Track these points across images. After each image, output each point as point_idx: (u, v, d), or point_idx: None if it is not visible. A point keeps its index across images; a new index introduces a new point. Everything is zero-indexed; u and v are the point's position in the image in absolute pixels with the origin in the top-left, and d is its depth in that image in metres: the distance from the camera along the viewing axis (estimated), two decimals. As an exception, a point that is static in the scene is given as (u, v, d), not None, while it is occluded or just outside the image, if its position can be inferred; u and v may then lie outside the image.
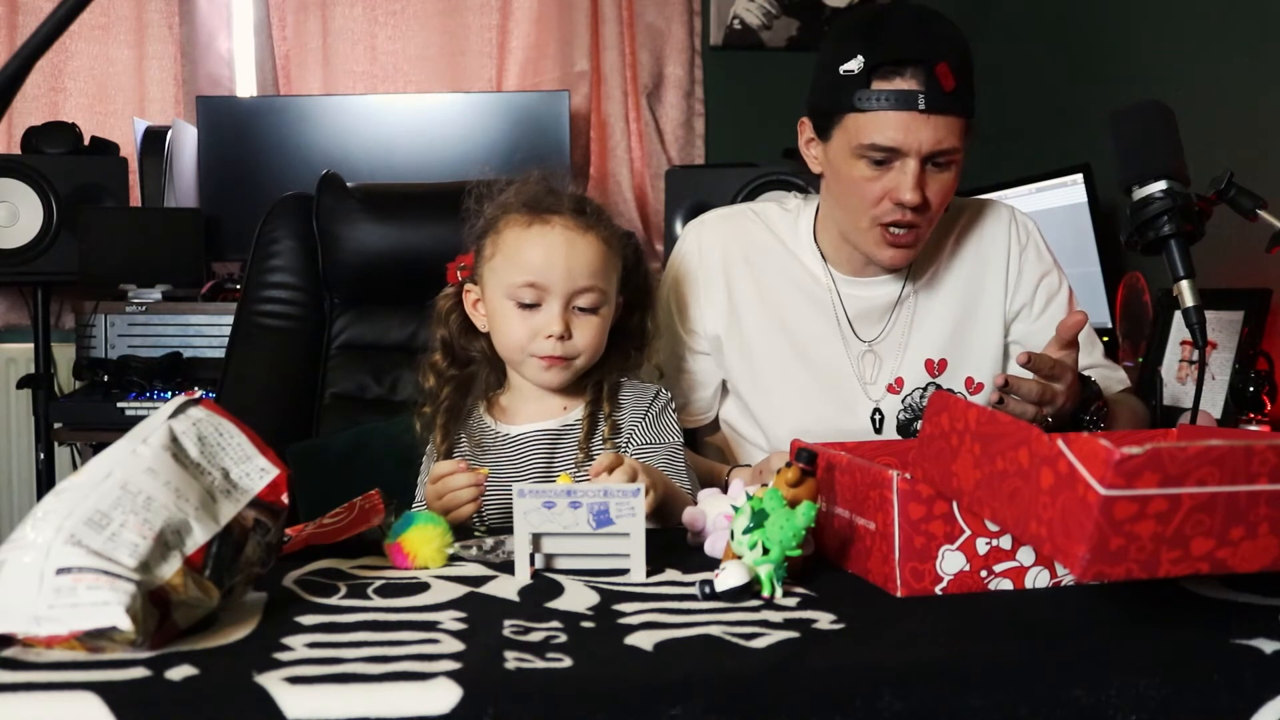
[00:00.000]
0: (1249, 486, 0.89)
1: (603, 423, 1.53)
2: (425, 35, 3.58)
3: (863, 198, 1.62)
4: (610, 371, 1.57)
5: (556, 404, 1.55)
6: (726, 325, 1.76)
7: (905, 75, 1.55)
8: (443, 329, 1.60)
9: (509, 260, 1.50)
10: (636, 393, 1.57)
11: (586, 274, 1.49)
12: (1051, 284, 1.79)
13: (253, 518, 1.01)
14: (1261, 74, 2.33)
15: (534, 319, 1.49)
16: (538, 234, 1.49)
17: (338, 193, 2.07)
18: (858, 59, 1.56)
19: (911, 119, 1.55)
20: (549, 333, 1.48)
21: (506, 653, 0.90)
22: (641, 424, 1.54)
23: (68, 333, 3.24)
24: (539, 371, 1.51)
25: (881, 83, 1.56)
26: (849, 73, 1.57)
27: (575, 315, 1.49)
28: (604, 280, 1.51)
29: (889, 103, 1.55)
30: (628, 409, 1.55)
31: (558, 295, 1.48)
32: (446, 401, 1.57)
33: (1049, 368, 1.50)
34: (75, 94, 3.44)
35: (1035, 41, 3.31)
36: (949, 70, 1.54)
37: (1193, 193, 1.50)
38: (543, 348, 1.49)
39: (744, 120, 3.66)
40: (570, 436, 1.54)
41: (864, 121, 1.57)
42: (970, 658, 0.93)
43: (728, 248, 1.78)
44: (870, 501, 1.11)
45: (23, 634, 0.88)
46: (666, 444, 1.55)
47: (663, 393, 1.58)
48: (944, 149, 1.57)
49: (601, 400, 1.54)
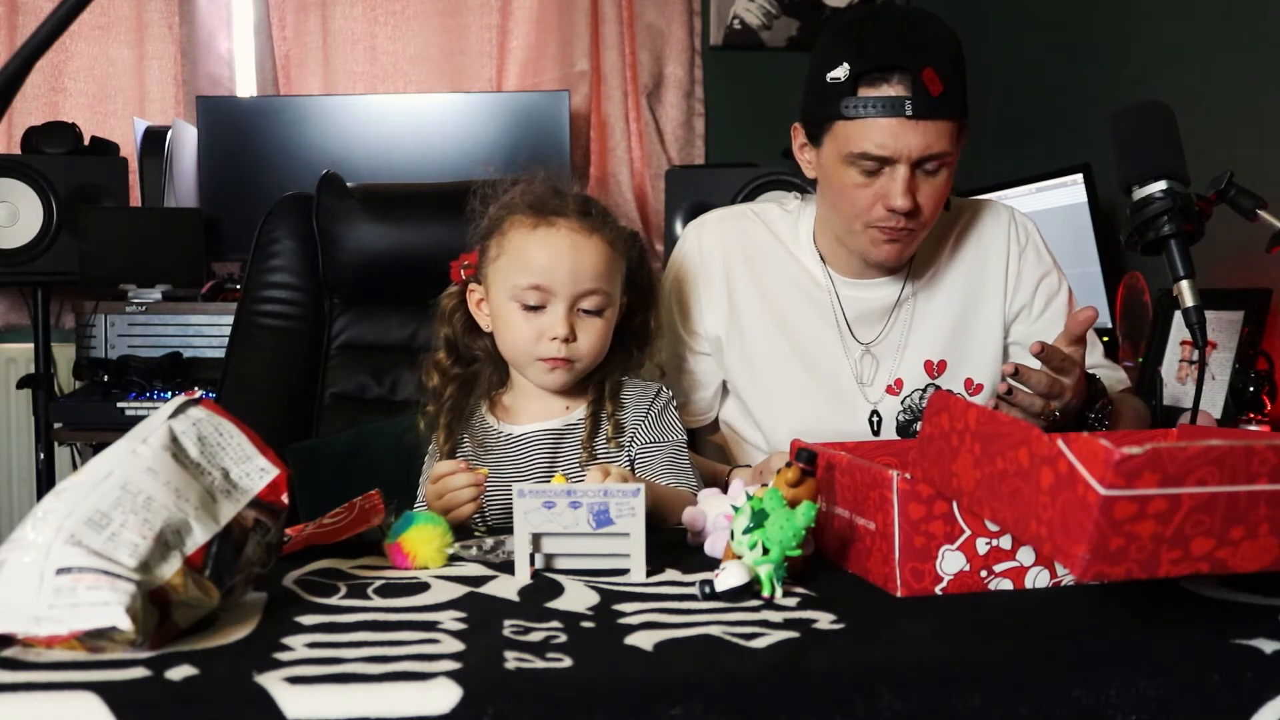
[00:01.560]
0: (1249, 486, 0.89)
1: (605, 422, 1.53)
2: (425, 35, 3.58)
3: (855, 203, 1.62)
4: (613, 371, 1.57)
5: (559, 404, 1.55)
6: (727, 326, 1.76)
7: (892, 82, 1.55)
8: (446, 328, 1.59)
9: (514, 262, 1.50)
10: (638, 391, 1.57)
11: (591, 277, 1.48)
12: (1051, 285, 1.79)
13: (253, 518, 1.01)
14: (1261, 74, 2.32)
15: (538, 321, 1.48)
16: (543, 236, 1.49)
17: (338, 193, 2.07)
18: (844, 66, 1.56)
19: (899, 125, 1.54)
20: (553, 335, 1.47)
21: (506, 653, 0.90)
22: (644, 422, 1.54)
23: (68, 333, 3.24)
24: (542, 374, 1.51)
25: (868, 90, 1.56)
26: (835, 80, 1.57)
27: (580, 317, 1.49)
28: (608, 283, 1.51)
29: (875, 110, 1.55)
30: (630, 407, 1.55)
31: (563, 298, 1.48)
32: (450, 400, 1.57)
33: (1060, 360, 1.49)
34: (75, 94, 3.44)
35: (1035, 41, 3.31)
36: (935, 75, 1.53)
37: (1193, 193, 1.50)
38: (547, 350, 1.48)
39: (744, 120, 3.66)
40: (573, 436, 1.53)
41: (852, 129, 1.57)
42: (970, 658, 0.93)
43: (728, 248, 1.77)
44: (870, 501, 1.11)
45: (23, 634, 0.88)
46: (670, 441, 1.55)
47: (664, 391, 1.58)
48: (933, 154, 1.56)
49: (604, 399, 1.54)
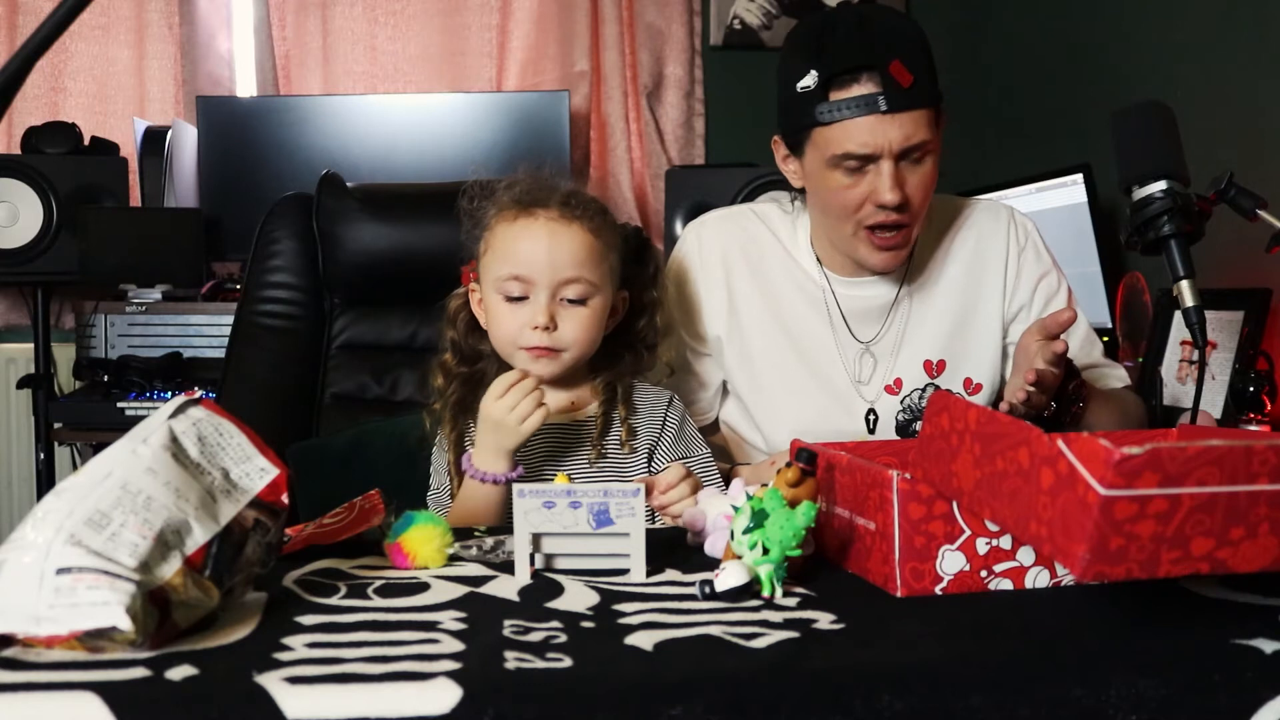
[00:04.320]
0: (1249, 486, 0.89)
1: (619, 426, 1.55)
2: (425, 35, 3.58)
3: (844, 205, 1.63)
4: (623, 374, 1.58)
5: (563, 399, 1.56)
6: (727, 325, 1.76)
7: (861, 80, 1.56)
8: (451, 330, 1.62)
9: (496, 255, 1.52)
10: (650, 396, 1.58)
11: (571, 264, 1.49)
12: (1050, 285, 1.79)
13: (253, 518, 1.00)
14: (1261, 74, 2.33)
15: (521, 312, 1.50)
16: (522, 227, 1.51)
17: (338, 193, 2.07)
18: (811, 74, 1.57)
19: (876, 121, 1.55)
20: (534, 324, 1.49)
21: (506, 653, 0.90)
22: (666, 436, 1.56)
23: (68, 333, 3.24)
24: (528, 363, 1.51)
25: (839, 92, 1.57)
26: (806, 89, 1.58)
27: (563, 307, 1.50)
28: (591, 271, 1.51)
29: (850, 111, 1.56)
30: (643, 414, 1.57)
31: (543, 287, 1.49)
32: (455, 395, 1.59)
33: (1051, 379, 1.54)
34: (75, 94, 3.44)
35: (1035, 41, 3.31)
36: (903, 66, 1.54)
37: (1193, 193, 1.50)
38: (529, 339, 1.49)
39: (744, 120, 3.64)
40: (583, 434, 1.54)
41: (831, 133, 1.58)
42: (970, 658, 0.93)
43: (727, 247, 1.78)
44: (870, 501, 1.11)
45: (23, 634, 0.88)
46: (697, 456, 1.57)
47: (676, 399, 1.60)
48: (915, 144, 1.57)
49: (615, 402, 1.56)
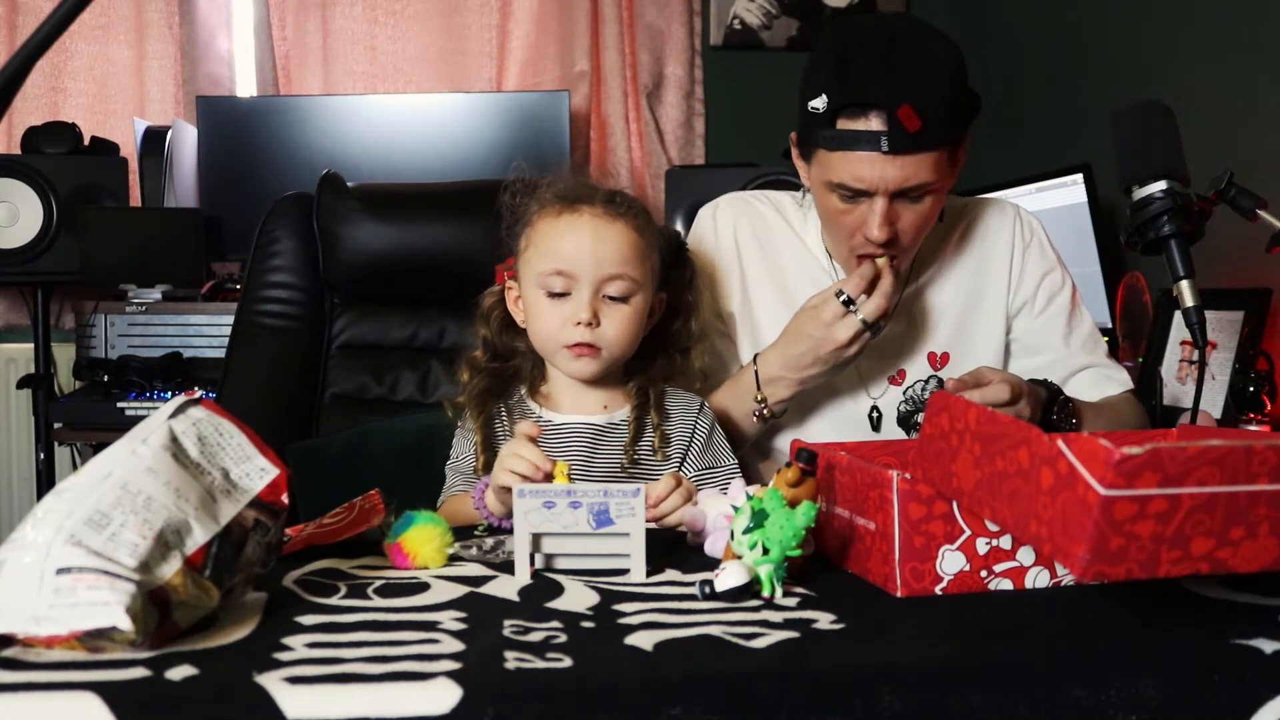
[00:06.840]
0: (1249, 486, 0.89)
1: (651, 432, 1.54)
2: (425, 35, 3.58)
3: (839, 227, 1.63)
4: (655, 377, 1.57)
5: (596, 401, 1.55)
6: (740, 305, 1.77)
7: (868, 117, 1.53)
8: (484, 327, 1.61)
9: (539, 250, 1.51)
10: (682, 402, 1.57)
11: (615, 261, 1.48)
12: (1054, 282, 1.79)
13: (253, 518, 1.00)
14: (1261, 74, 2.33)
15: (563, 308, 1.49)
16: (567, 223, 1.50)
17: (338, 193, 2.07)
18: (823, 98, 1.55)
19: (875, 159, 1.53)
20: (577, 319, 1.47)
21: (506, 653, 0.90)
22: (696, 444, 1.55)
23: (68, 333, 3.24)
24: (569, 361, 1.51)
25: (846, 122, 1.55)
26: (815, 110, 1.56)
27: (605, 304, 1.49)
28: (634, 269, 1.50)
29: (852, 144, 1.54)
30: (676, 419, 1.55)
31: (586, 283, 1.48)
32: (483, 384, 1.57)
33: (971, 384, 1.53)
34: (75, 94, 3.44)
35: (1035, 41, 3.31)
36: (913, 111, 1.50)
37: (1193, 193, 1.50)
38: (572, 335, 1.48)
39: (744, 120, 3.65)
40: (614, 436, 1.53)
41: (832, 159, 1.57)
42: (970, 658, 0.93)
43: (739, 228, 1.79)
44: (870, 501, 1.11)
45: (23, 634, 0.88)
46: (724, 466, 1.56)
47: (706, 405, 1.59)
48: (913, 185, 1.55)
49: (648, 405, 1.54)
